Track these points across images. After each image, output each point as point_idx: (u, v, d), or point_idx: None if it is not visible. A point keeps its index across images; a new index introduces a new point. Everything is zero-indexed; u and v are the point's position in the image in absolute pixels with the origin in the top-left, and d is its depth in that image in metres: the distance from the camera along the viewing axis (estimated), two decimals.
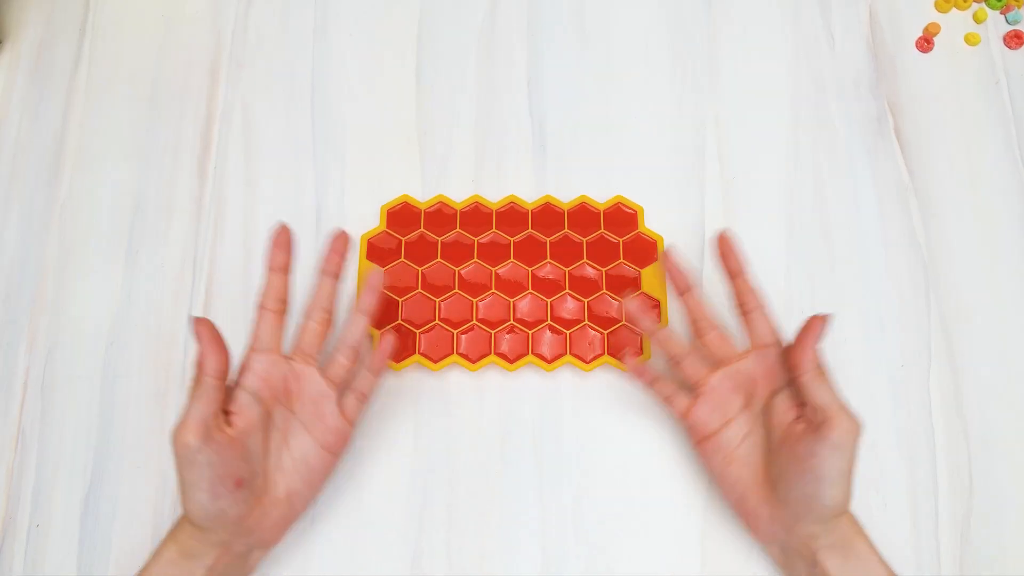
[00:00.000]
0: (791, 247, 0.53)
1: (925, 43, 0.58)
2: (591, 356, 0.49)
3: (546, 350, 0.49)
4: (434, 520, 0.47)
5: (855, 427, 0.38)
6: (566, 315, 0.50)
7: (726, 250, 0.45)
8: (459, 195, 0.54)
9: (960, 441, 0.49)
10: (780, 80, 0.57)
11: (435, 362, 0.49)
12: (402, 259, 0.51)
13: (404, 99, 0.57)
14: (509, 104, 0.57)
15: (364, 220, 0.53)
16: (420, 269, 0.51)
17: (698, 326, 0.46)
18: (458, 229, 0.52)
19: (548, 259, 0.52)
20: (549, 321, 0.50)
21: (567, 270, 0.51)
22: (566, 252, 0.52)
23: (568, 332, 0.50)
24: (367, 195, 0.54)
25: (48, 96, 0.57)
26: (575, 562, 0.46)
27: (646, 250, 0.52)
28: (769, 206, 0.54)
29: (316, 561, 0.46)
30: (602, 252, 0.52)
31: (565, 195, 0.54)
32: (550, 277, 0.51)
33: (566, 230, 0.52)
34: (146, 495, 0.47)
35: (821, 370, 0.39)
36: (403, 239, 0.52)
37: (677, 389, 0.45)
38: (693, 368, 0.45)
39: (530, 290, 0.51)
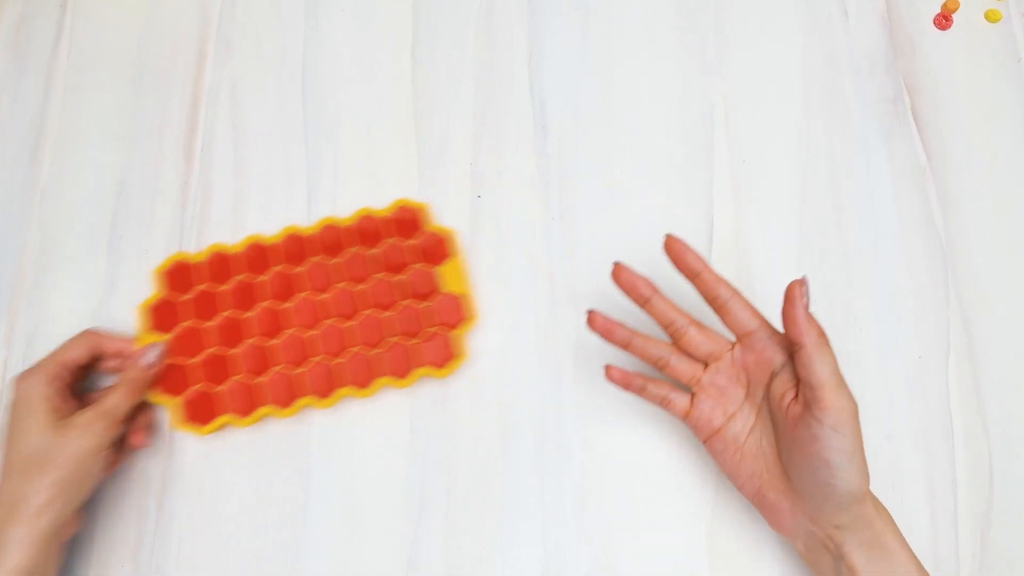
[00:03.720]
0: (803, 233, 0.52)
1: (943, 20, 0.56)
2: (407, 370, 0.47)
3: (362, 375, 0.47)
4: (431, 520, 0.46)
5: (849, 405, 0.37)
6: (374, 334, 0.48)
7: (680, 251, 0.41)
8: (457, 181, 0.52)
9: (980, 435, 0.47)
10: (792, 59, 0.56)
11: (245, 416, 0.46)
12: (189, 321, 0.48)
13: (400, 80, 0.55)
14: (509, 85, 0.55)
15: (358, 206, 0.51)
16: (208, 324, 0.48)
17: (674, 328, 0.42)
18: (241, 275, 0.49)
19: (343, 282, 0.49)
20: (359, 347, 0.47)
21: (363, 288, 0.49)
22: (358, 269, 0.49)
23: (380, 351, 0.47)
24: (361, 180, 0.53)
25: (27, 75, 0.55)
26: (578, 564, 0.45)
27: (439, 246, 0.50)
28: (780, 190, 0.53)
29: (308, 562, 0.45)
30: (395, 259, 0.49)
31: (567, 180, 0.52)
32: (347, 300, 0.48)
33: (355, 248, 0.49)
34: (129, 492, 0.46)
35: (820, 340, 0.37)
36: (184, 298, 0.48)
37: (671, 389, 0.43)
38: (681, 368, 0.43)
39: (331, 320, 0.48)
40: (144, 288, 0.50)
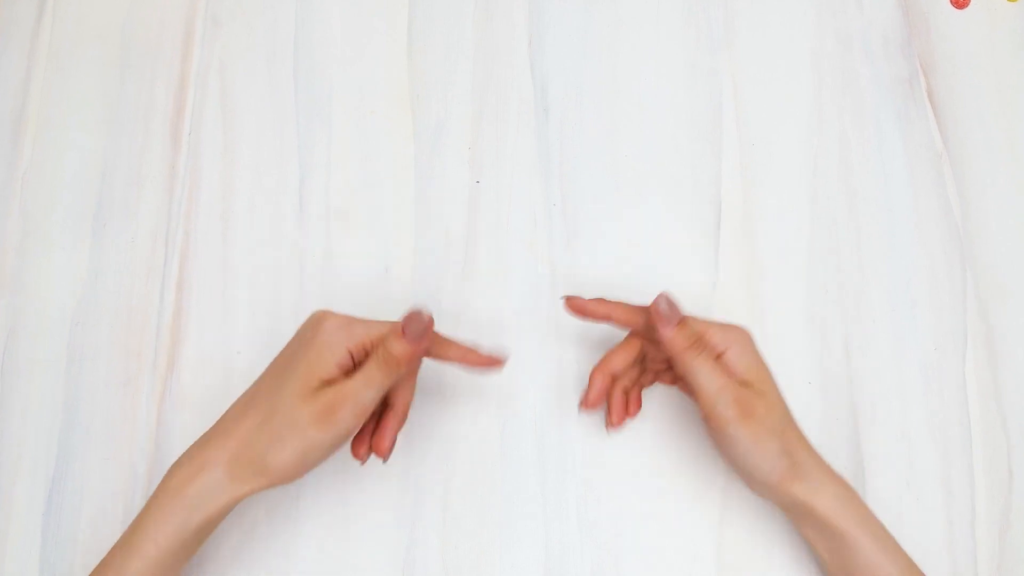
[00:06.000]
0: (815, 220, 0.51)
1: None
2: None
3: None
4: (428, 520, 0.45)
5: (733, 407, 0.38)
6: None
7: (583, 307, 0.43)
8: (455, 166, 0.51)
9: (998, 430, 0.46)
10: (803, 37, 0.55)
11: None
12: None
13: (395, 60, 0.54)
14: (509, 65, 0.54)
15: (351, 191, 0.50)
16: None
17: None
18: None
19: None
20: None
21: None
22: None
23: None
24: (355, 165, 0.52)
25: (8, 56, 0.54)
26: (580, 564, 0.44)
27: None
28: (791, 175, 0.52)
29: (301, 562, 0.44)
30: None
31: (569, 165, 0.51)
32: None
33: None
34: (114, 488, 0.45)
35: (686, 346, 0.39)
36: None
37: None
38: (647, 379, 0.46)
39: None
40: (127, 277, 0.49)
